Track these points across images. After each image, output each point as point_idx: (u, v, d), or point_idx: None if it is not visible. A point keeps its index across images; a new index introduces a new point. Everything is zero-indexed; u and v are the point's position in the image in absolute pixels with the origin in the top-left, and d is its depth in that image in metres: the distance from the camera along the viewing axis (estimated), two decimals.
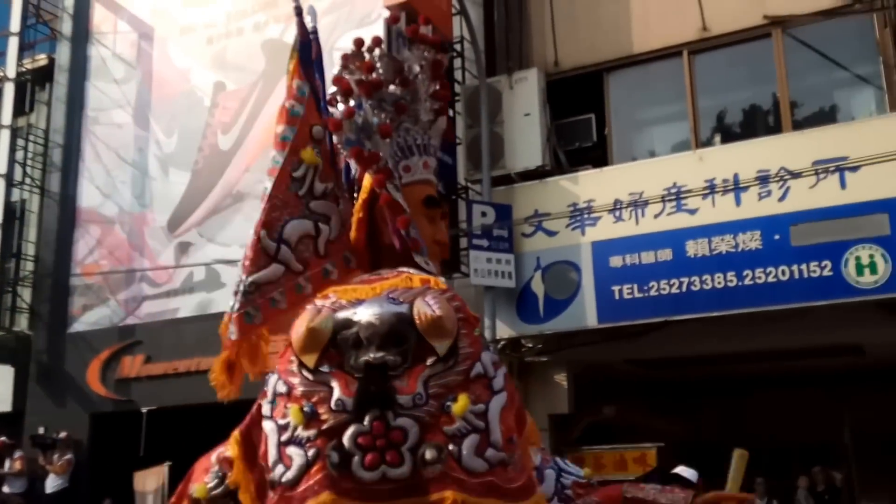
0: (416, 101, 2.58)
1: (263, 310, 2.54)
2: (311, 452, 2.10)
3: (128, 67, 13.84)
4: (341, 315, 2.19)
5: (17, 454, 12.11)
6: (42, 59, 14.60)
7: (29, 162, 14.11)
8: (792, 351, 10.02)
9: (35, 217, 14.21)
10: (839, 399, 9.99)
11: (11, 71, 13.91)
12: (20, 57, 14.03)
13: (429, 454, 2.03)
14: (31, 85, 14.42)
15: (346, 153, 2.57)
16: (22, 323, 13.85)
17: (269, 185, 2.69)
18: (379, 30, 10.72)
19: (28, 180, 14.07)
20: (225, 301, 9.62)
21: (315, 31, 3.10)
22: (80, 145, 13.90)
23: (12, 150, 13.80)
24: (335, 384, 2.12)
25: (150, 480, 10.95)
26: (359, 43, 2.65)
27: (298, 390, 2.16)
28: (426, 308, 2.15)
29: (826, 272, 8.25)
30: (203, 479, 2.52)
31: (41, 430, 12.45)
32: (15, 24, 14.02)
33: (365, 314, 2.17)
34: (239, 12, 13.05)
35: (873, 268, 8.06)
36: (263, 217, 2.61)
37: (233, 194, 12.55)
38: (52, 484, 11.82)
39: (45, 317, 13.54)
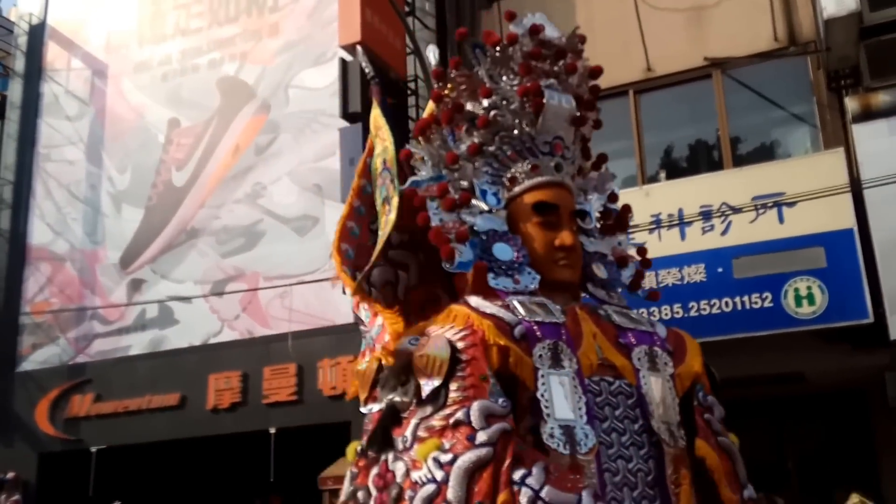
0: (508, 106, 2.50)
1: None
2: (348, 487, 2.29)
3: (81, 104, 13.82)
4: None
5: None
6: None
7: None
8: (736, 379, 10.21)
9: None
10: (782, 426, 10.24)
11: None
12: None
13: (390, 498, 2.03)
14: None
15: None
16: None
17: (357, 230, 2.86)
18: (335, 67, 10.95)
19: None
20: (177, 338, 9.71)
21: (375, 76, 3.19)
22: (32, 182, 13.79)
23: None
24: None
25: None
26: (437, 74, 2.64)
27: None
28: (410, 346, 2.16)
29: (767, 303, 8.52)
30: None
31: None
32: None
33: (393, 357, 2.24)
34: (194, 49, 13.16)
35: (811, 299, 8.34)
36: (356, 261, 2.74)
37: (187, 230, 12.54)
38: None
39: None
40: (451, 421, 1.99)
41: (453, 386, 2.03)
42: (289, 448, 10.74)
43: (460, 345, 2.08)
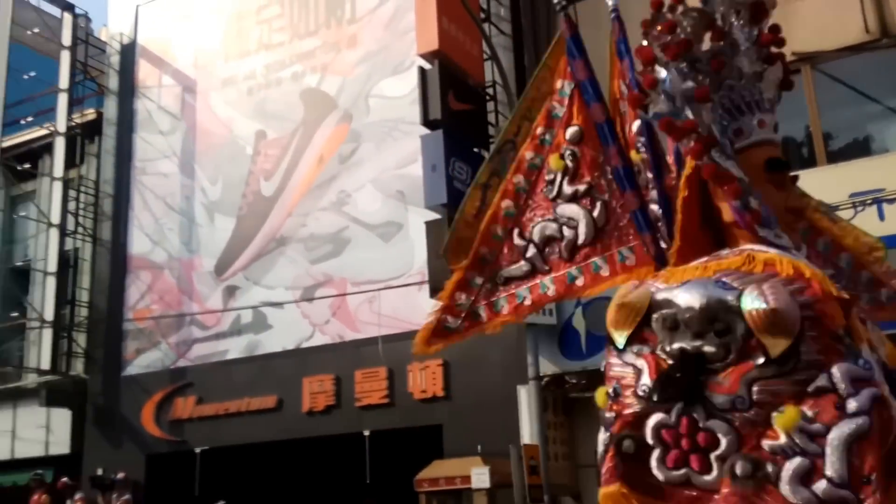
0: (736, 54, 2.27)
1: (510, 301, 2.86)
2: (605, 437, 1.98)
3: (173, 119, 14.42)
4: (660, 295, 2.01)
5: (78, 495, 12.56)
6: (91, 114, 15.23)
7: (81, 212, 14.72)
8: None
9: (88, 265, 14.78)
10: None
11: (62, 126, 14.56)
12: (69, 112, 14.66)
13: (740, 468, 1.79)
14: (81, 138, 15.04)
15: (656, 126, 2.38)
16: (78, 367, 14.37)
17: (526, 185, 2.85)
18: (413, 76, 11.17)
19: (80, 230, 14.66)
20: (272, 342, 10.17)
21: (616, 9, 2.91)
22: (130, 195, 14.49)
23: (65, 201, 14.41)
24: (644, 367, 1.97)
25: None
26: (657, 4, 2.33)
27: (610, 371, 2.09)
28: (759, 299, 1.87)
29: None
30: None
31: (100, 471, 12.90)
32: (63, 80, 14.68)
33: (686, 296, 1.96)
34: (277, 63, 13.57)
35: None
36: (520, 216, 2.81)
37: (276, 238, 12.99)
38: None
39: (100, 361, 14.08)
40: (812, 388, 1.79)
41: (803, 347, 1.81)
42: (382, 450, 11.09)
43: (802, 299, 1.86)
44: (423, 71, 10.46)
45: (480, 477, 9.33)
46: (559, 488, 9.39)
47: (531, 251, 2.75)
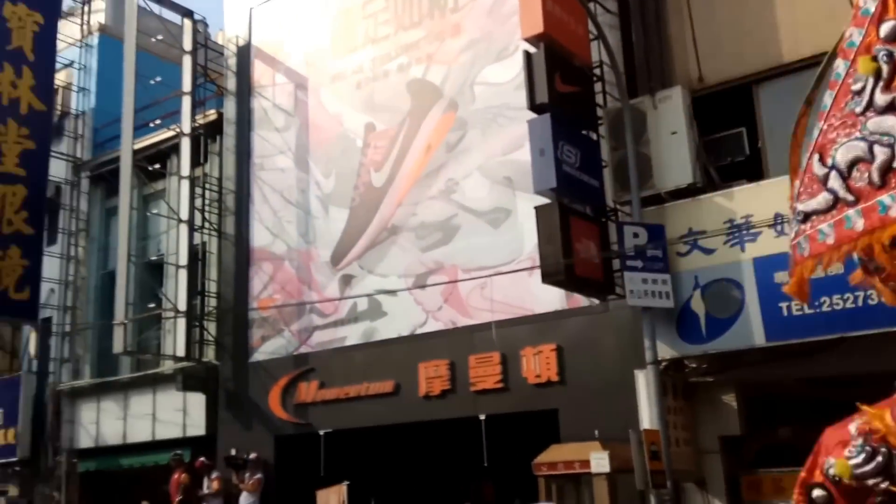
0: None
1: (811, 242, 2.36)
2: None
3: (287, 116, 14.99)
4: None
5: (215, 474, 13.43)
6: (212, 115, 16.01)
7: (207, 208, 15.53)
8: None
9: (215, 257, 15.60)
10: None
11: (187, 127, 15.37)
12: (193, 114, 15.45)
13: None
14: (204, 138, 15.84)
15: None
16: (209, 354, 15.24)
17: (828, 101, 2.40)
18: (517, 61, 11.19)
19: (207, 225, 15.48)
20: (387, 329, 10.51)
21: None
22: (250, 190, 15.18)
23: (192, 198, 15.24)
24: None
25: (332, 498, 11.85)
26: None
27: None
28: None
29: None
30: (842, 453, 2.09)
31: (233, 452, 13.70)
32: (187, 84, 15.48)
33: None
34: (383, 56, 13.86)
35: None
36: (820, 139, 2.35)
37: (388, 228, 13.34)
38: (245, 501, 13.02)
39: (230, 348, 14.88)
40: None
41: None
42: (498, 434, 11.27)
43: None
44: (528, 55, 10.41)
45: (600, 461, 9.34)
46: (682, 474, 9.29)
47: (833, 179, 2.30)
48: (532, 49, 10.36)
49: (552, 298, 11.15)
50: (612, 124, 10.69)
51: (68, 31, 19.43)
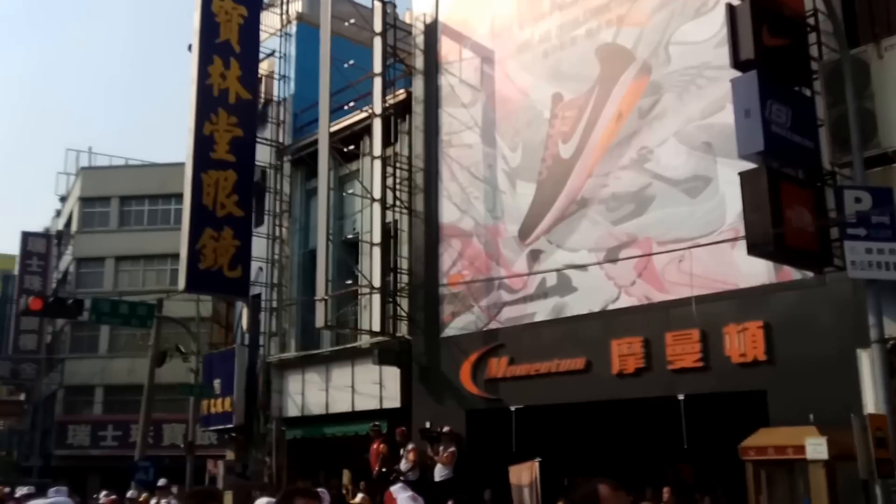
0: None
1: None
2: None
3: (473, 91, 14.92)
4: None
5: (410, 446, 13.72)
6: (401, 94, 16.28)
7: (398, 186, 15.84)
8: None
9: (406, 235, 15.90)
10: None
11: (378, 108, 15.71)
12: (384, 94, 15.77)
13: None
14: (394, 118, 16.14)
15: None
16: (402, 329, 15.59)
17: None
18: (717, 17, 10.40)
19: (398, 203, 15.80)
20: (578, 305, 10.02)
21: None
22: (438, 167, 15.29)
23: (384, 177, 15.59)
24: None
25: (524, 475, 11.74)
26: None
27: None
28: None
29: None
30: None
31: (427, 424, 13.92)
32: (377, 65, 15.80)
33: None
34: (571, 22, 13.40)
35: None
36: None
37: (577, 200, 12.93)
38: (439, 473, 13.20)
39: (421, 323, 15.13)
40: None
41: None
42: (698, 415, 10.63)
43: None
44: (730, 7, 9.58)
45: (817, 448, 8.55)
46: None
47: None
48: (735, 1, 9.55)
49: (758, 271, 10.32)
50: (828, 78, 9.69)
51: (269, 21, 20.52)
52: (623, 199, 12.24)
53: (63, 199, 39.99)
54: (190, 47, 19.01)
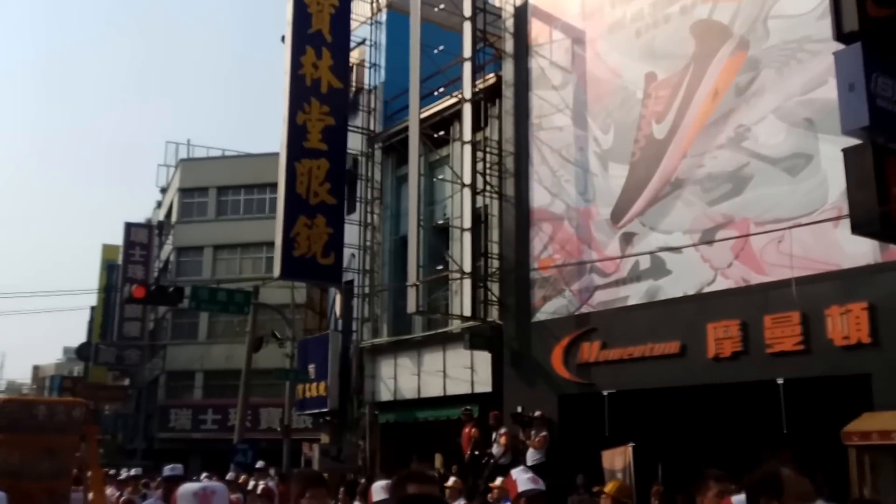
0: None
1: None
2: None
3: (564, 73, 14.81)
4: None
5: (503, 430, 13.77)
6: (491, 78, 16.29)
7: (488, 171, 15.88)
8: None
9: (496, 220, 15.93)
10: None
11: (468, 92, 15.76)
12: (473, 79, 15.81)
13: None
14: (484, 102, 16.18)
15: None
16: (493, 314, 15.64)
17: None
18: None
19: (488, 187, 15.84)
20: (672, 288, 9.87)
21: None
22: (529, 151, 15.25)
23: (474, 162, 15.64)
24: None
25: (616, 459, 11.65)
26: None
27: None
28: None
29: None
30: None
31: (519, 409, 13.93)
32: (467, 50, 15.85)
33: None
34: (664, 0, 13.13)
35: None
36: None
37: (671, 182, 12.69)
38: (531, 457, 13.19)
39: (512, 308, 15.15)
40: None
41: None
42: (799, 399, 10.32)
43: None
44: None
45: None
46: None
47: None
48: None
49: (863, 251, 9.93)
50: None
51: (360, 10, 20.84)
52: (719, 178, 11.95)
53: (163, 191, 41.66)
54: (283, 38, 19.48)
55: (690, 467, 11.70)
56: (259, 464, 17.58)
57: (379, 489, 3.96)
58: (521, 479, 4.26)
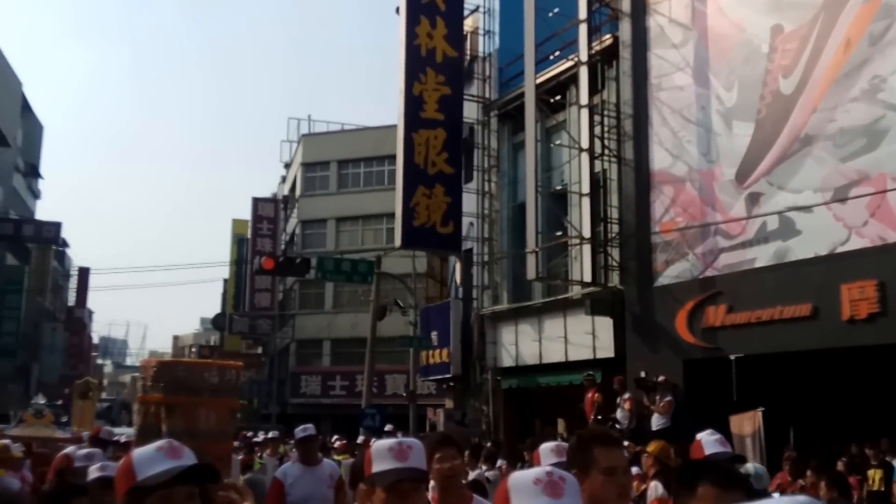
0: None
1: None
2: None
3: (684, 30, 14.36)
4: None
5: (626, 395, 13.73)
6: (607, 39, 15.99)
7: (605, 135, 15.66)
8: None
9: (615, 184, 15.73)
10: None
11: (584, 55, 15.55)
12: (590, 41, 15.56)
13: None
14: (601, 65, 15.91)
15: None
16: (614, 279, 15.52)
17: None
18: None
19: (606, 151, 15.63)
20: (802, 249, 9.66)
21: None
22: (648, 112, 14.93)
23: (591, 126, 15.46)
24: None
25: (745, 424, 11.41)
26: None
27: None
28: None
29: None
30: None
31: (642, 374, 13.85)
32: (582, 11, 15.59)
33: None
34: None
35: None
36: None
37: (800, 138, 12.19)
38: (656, 422, 13.12)
39: (633, 273, 14.98)
40: None
41: None
42: None
43: None
44: None
45: None
46: None
47: None
48: None
49: None
50: None
51: None
52: (853, 133, 11.38)
53: (287, 166, 43.15)
54: (398, 10, 19.73)
55: (824, 432, 11.42)
56: (387, 427, 18.16)
57: (548, 452, 3.89)
58: (708, 441, 3.99)
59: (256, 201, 43.32)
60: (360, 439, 18.57)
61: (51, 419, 12.36)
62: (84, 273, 58.70)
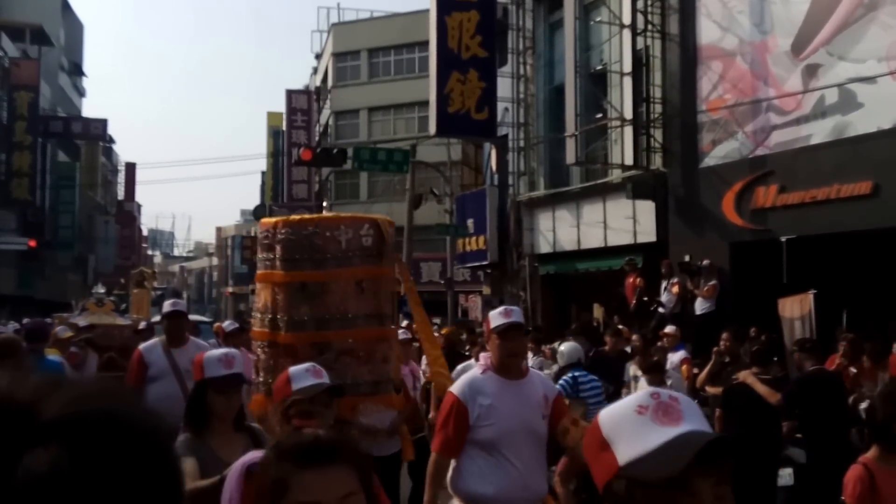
0: None
1: None
2: None
3: None
4: None
5: (674, 280, 13.38)
6: None
7: (649, 9, 14.74)
8: None
9: (658, 61, 14.92)
10: None
11: None
12: None
13: None
14: None
15: None
16: (657, 161, 14.94)
17: None
18: None
19: (649, 27, 14.75)
20: (863, 123, 8.95)
21: None
22: None
23: (633, 1, 14.54)
24: None
25: (796, 307, 11.07)
26: None
27: None
28: None
29: None
30: None
31: (686, 258, 13.48)
32: None
33: None
34: None
35: None
36: None
37: (864, 3, 11.29)
38: (700, 306, 12.83)
39: (677, 154, 14.38)
40: None
41: None
42: None
43: None
44: None
45: None
46: None
47: None
48: None
49: None
50: None
51: None
52: None
53: (318, 57, 42.20)
54: None
55: (879, 315, 11.04)
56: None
57: (496, 315, 4.10)
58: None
59: (290, 93, 42.65)
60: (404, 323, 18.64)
61: (111, 307, 12.69)
62: (131, 168, 60.37)
